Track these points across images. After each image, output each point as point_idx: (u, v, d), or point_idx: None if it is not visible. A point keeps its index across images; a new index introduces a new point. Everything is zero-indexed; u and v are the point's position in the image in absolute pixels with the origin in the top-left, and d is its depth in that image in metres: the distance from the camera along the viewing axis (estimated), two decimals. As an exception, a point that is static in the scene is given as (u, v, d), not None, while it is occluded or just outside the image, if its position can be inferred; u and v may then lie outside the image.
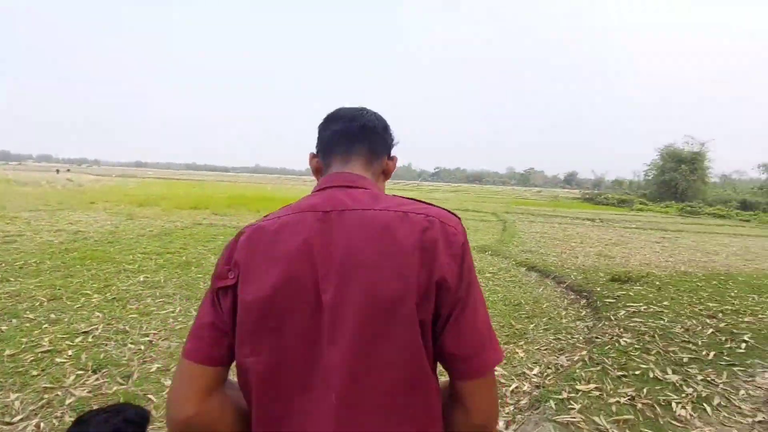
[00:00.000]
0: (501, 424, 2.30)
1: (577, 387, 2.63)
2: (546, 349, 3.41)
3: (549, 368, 3.04)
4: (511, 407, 2.48)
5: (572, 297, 4.99)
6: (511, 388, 2.68)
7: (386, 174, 0.81)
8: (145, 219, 8.91)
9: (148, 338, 3.00)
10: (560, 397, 2.49)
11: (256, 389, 0.59)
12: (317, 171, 0.80)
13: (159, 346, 2.90)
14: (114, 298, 3.78)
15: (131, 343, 2.89)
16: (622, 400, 2.52)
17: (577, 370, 2.87)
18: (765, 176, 29.84)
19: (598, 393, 2.58)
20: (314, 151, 0.81)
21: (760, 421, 2.37)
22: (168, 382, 2.42)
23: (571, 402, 2.45)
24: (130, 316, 3.39)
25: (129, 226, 7.81)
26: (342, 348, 0.57)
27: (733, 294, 5.20)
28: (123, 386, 2.39)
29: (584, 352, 3.19)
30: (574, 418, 2.29)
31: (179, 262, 5.17)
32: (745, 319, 4.17)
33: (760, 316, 4.32)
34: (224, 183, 35.11)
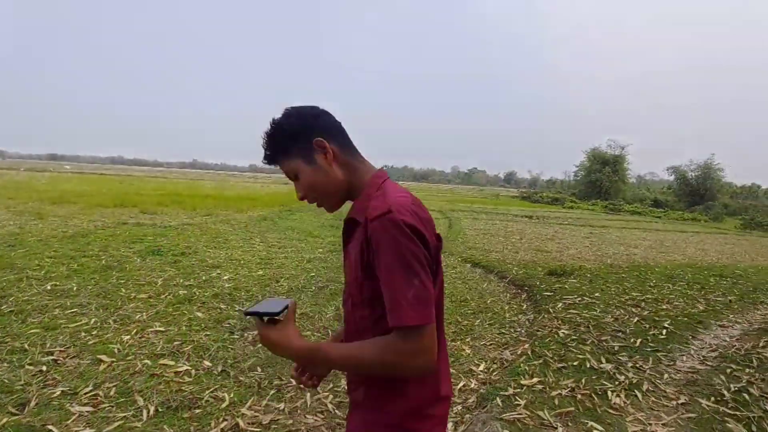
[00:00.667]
0: (450, 425, 2.25)
1: (522, 382, 2.66)
2: (491, 344, 3.45)
3: (494, 363, 3.07)
4: (459, 407, 2.45)
5: (514, 291, 5.16)
6: (458, 387, 2.66)
7: None
8: (58, 218, 7.89)
9: (52, 357, 2.57)
10: (506, 393, 2.50)
11: (437, 310, 0.80)
12: (336, 157, 0.86)
13: (66, 366, 2.49)
14: (11, 310, 3.23)
15: (29, 364, 2.46)
16: (564, 392, 2.58)
17: (521, 364, 2.92)
18: (672, 178, 33.52)
19: (541, 387, 2.63)
20: (319, 138, 0.84)
21: (683, 403, 2.55)
22: (75, 408, 2.09)
23: (517, 398, 2.46)
24: (31, 331, 2.90)
25: (37, 226, 6.84)
26: (442, 272, 0.87)
27: (652, 284, 5.69)
28: (16, 416, 2.00)
29: (527, 346, 3.27)
30: (520, 414, 2.30)
31: (97, 267, 4.59)
32: (664, 307, 4.55)
33: (675, 303, 4.75)
34: (156, 179, 32.51)
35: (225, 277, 4.59)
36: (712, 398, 2.61)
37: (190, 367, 2.59)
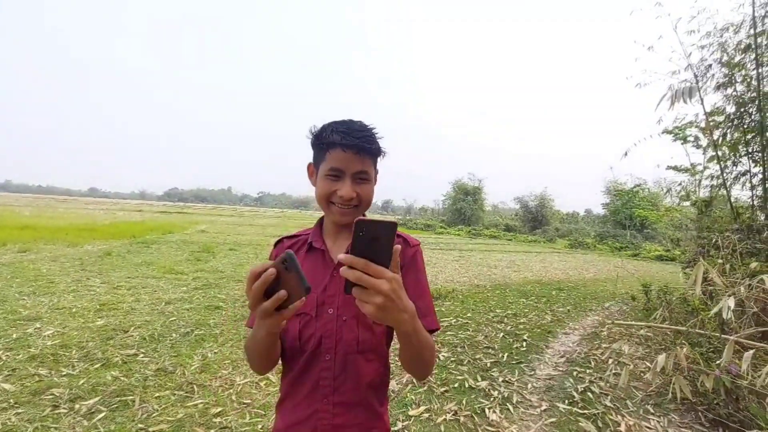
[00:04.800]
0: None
1: (410, 413, 2.63)
2: (377, 376, 3.37)
3: (381, 397, 2.98)
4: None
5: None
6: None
7: None
8: None
9: None
10: (396, 429, 2.42)
11: None
12: None
13: None
14: None
15: None
16: (448, 416, 2.62)
17: (408, 394, 2.89)
18: (518, 206, 39.77)
19: (427, 415, 2.62)
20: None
21: (545, 410, 2.82)
22: None
23: (406, 431, 2.40)
24: None
25: None
26: None
27: (510, 300, 6.44)
28: None
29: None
30: (410, 449, 2.23)
31: None
32: (521, 321, 5.15)
33: (529, 316, 5.43)
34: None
35: (47, 332, 3.59)
36: (566, 401, 2.96)
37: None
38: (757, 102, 4.50)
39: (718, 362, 2.36)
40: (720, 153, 4.98)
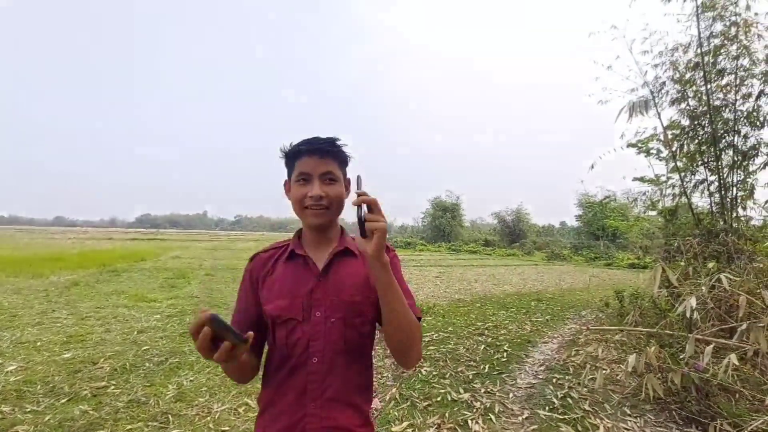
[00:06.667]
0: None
1: (393, 429, 2.60)
2: (360, 395, 3.32)
3: (364, 415, 2.94)
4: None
5: (378, 336, 5.19)
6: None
7: None
8: None
9: None
10: (378, 446, 2.39)
11: None
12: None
13: None
14: None
15: None
16: (431, 430, 2.61)
17: (391, 411, 2.87)
18: (496, 221, 40.54)
19: (411, 430, 2.61)
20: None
21: (527, 417, 2.85)
22: None
23: (389, 448, 2.38)
24: None
25: None
26: None
27: (490, 312, 6.51)
28: None
29: (394, 390, 3.25)
30: (394, 466, 2.20)
31: None
32: (502, 332, 5.21)
33: (509, 327, 5.50)
34: None
35: (10, 368, 3.39)
36: (547, 407, 3.00)
37: None
38: (708, 115, 4.84)
39: (681, 357, 2.46)
40: (680, 164, 5.29)
